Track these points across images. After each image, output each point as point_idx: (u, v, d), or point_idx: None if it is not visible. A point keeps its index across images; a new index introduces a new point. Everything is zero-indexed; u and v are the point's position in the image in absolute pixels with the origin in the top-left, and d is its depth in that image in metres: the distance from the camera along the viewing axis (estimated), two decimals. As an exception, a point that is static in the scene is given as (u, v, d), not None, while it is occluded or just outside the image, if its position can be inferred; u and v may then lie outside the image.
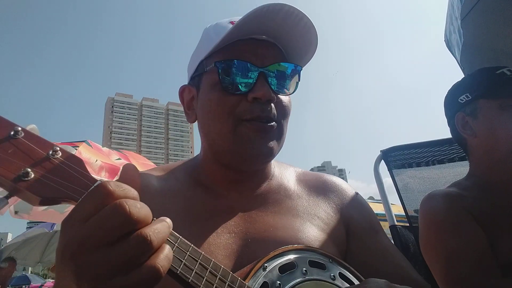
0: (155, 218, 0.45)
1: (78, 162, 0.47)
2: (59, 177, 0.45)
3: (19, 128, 0.45)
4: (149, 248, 0.41)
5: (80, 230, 0.40)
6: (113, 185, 0.42)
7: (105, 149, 4.41)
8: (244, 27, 0.74)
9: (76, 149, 3.67)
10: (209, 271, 0.50)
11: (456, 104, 1.25)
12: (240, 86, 0.75)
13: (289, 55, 0.82)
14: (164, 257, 0.42)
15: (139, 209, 0.42)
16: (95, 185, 0.45)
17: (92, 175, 0.47)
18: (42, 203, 0.44)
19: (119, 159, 4.14)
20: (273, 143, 0.76)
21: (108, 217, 0.40)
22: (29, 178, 0.43)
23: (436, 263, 1.05)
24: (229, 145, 0.75)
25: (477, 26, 1.94)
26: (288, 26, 0.76)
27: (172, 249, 0.46)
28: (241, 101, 0.75)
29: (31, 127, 0.47)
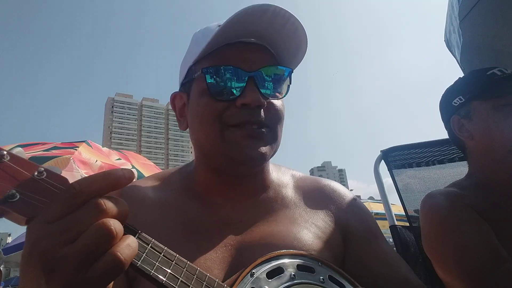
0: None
1: (63, 181, 0.48)
2: (44, 196, 0.46)
3: (5, 152, 0.46)
4: (111, 236, 0.42)
5: (48, 228, 0.42)
6: (77, 186, 0.44)
7: (105, 149, 4.42)
8: (230, 30, 0.73)
9: (76, 149, 3.67)
10: (195, 280, 0.50)
11: (450, 107, 1.26)
12: (228, 92, 0.74)
13: (279, 56, 0.81)
14: (126, 246, 0.43)
15: (113, 204, 0.44)
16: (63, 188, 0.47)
17: None
18: (29, 222, 0.45)
19: (119, 159, 4.15)
20: (264, 148, 0.75)
21: (82, 215, 0.42)
22: (15, 200, 0.44)
23: (447, 258, 1.05)
24: (218, 149, 0.74)
25: (477, 26, 1.95)
26: (275, 26, 0.74)
27: (158, 259, 0.48)
28: (230, 107, 0.74)
29: (18, 150, 0.48)
